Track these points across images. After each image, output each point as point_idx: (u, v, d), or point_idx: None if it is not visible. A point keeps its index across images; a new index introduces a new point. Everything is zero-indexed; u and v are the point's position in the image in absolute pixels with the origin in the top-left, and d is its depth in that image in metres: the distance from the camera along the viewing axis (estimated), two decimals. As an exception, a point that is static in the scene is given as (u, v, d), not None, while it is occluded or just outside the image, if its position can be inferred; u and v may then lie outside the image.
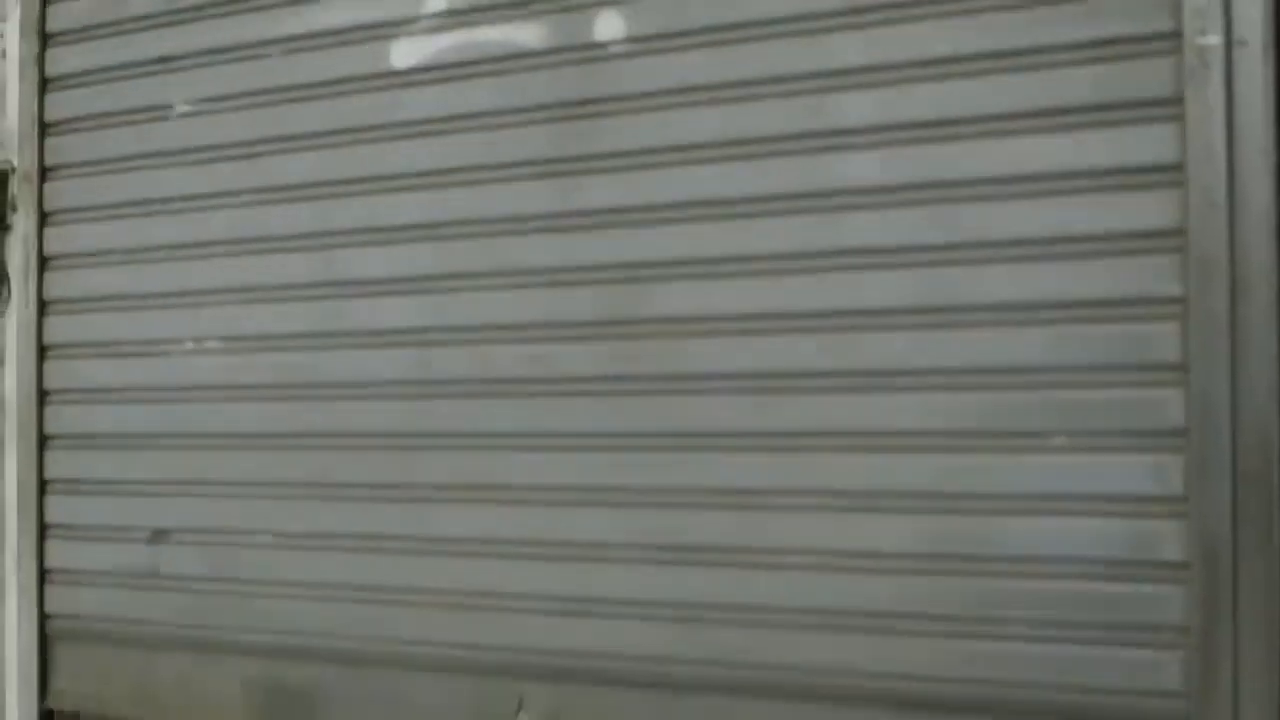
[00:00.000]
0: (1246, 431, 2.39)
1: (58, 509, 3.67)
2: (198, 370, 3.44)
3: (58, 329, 3.67)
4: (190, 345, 3.45)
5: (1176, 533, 2.51)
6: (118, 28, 3.58)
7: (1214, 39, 2.37)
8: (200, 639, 3.45)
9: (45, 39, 3.72)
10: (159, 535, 3.49)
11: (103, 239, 3.58)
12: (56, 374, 3.67)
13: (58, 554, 3.68)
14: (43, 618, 3.70)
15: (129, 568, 3.54)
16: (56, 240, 3.67)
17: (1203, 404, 2.42)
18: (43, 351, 3.71)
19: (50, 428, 3.67)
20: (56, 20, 3.71)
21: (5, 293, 3.79)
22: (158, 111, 3.49)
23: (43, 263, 3.69)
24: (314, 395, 3.29)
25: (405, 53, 3.19)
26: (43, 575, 3.69)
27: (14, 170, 3.79)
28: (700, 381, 2.90)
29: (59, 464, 3.67)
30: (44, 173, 3.70)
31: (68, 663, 3.69)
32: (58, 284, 3.66)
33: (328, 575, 3.28)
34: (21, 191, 3.77)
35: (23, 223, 3.76)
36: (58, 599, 3.69)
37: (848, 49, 2.76)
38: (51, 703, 3.71)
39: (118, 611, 3.58)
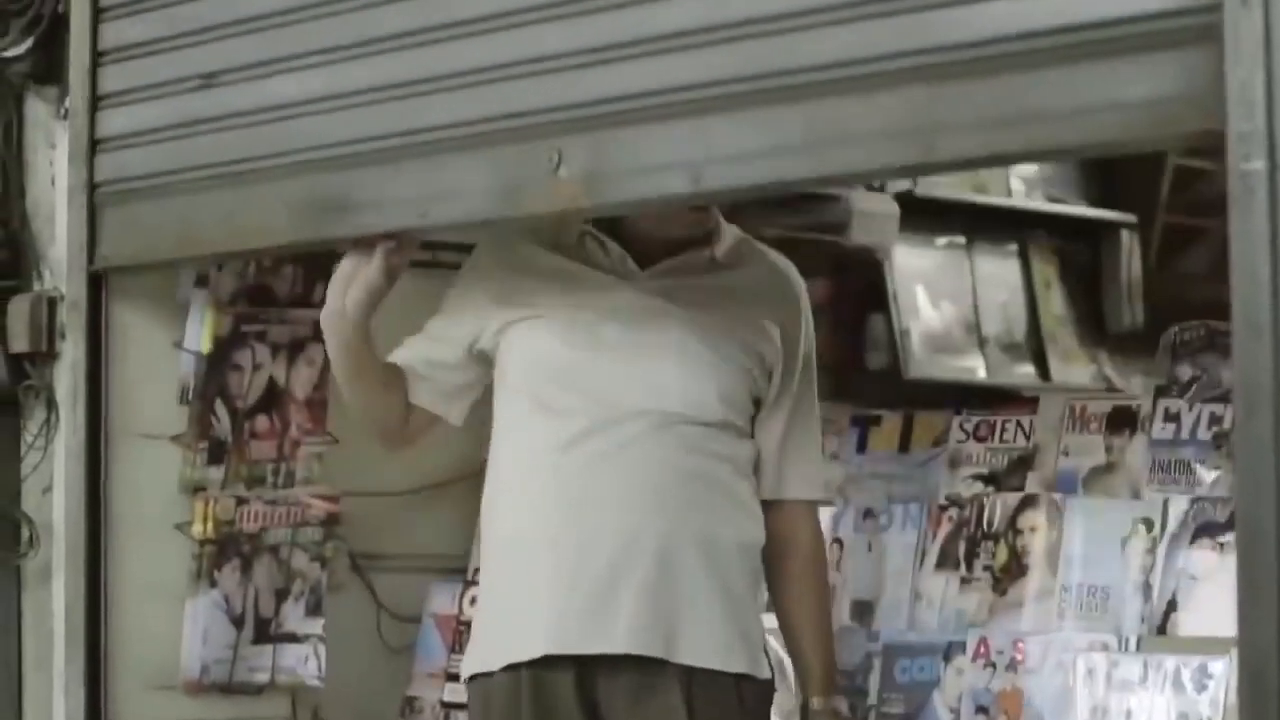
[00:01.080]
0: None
1: (110, 77, 3.71)
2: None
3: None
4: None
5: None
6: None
7: (1258, 164, 2.34)
8: (241, 173, 3.43)
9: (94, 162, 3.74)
10: (207, 79, 3.49)
11: None
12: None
13: (108, 122, 3.70)
14: (92, 186, 3.71)
15: (176, 119, 3.55)
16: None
17: (1247, 529, 2.29)
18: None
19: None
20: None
21: (54, 418, 3.82)
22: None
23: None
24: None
25: None
26: (93, 145, 3.71)
27: (62, 298, 3.83)
28: None
29: (110, 34, 3.71)
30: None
31: (114, 225, 3.69)
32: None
33: (360, 81, 3.25)
34: (70, 319, 3.79)
35: (71, 351, 3.78)
36: (106, 165, 3.70)
37: None
38: (99, 265, 3.71)
39: (163, 165, 3.58)
